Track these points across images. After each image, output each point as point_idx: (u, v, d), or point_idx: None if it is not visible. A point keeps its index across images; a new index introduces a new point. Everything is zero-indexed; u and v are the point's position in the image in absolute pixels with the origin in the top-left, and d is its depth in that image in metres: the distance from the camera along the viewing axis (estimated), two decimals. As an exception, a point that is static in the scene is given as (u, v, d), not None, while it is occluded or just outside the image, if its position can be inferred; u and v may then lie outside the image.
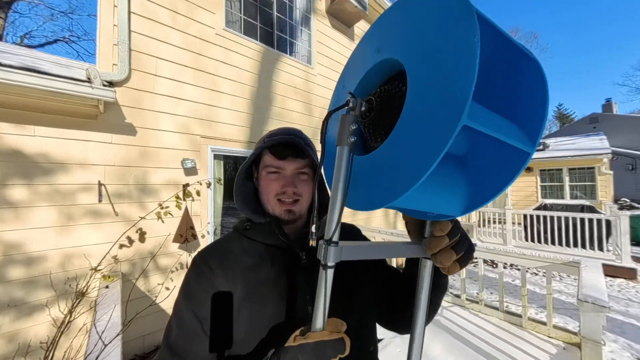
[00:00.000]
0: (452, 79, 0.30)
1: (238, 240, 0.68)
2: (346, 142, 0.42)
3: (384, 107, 0.45)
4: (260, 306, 0.60)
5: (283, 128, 0.70)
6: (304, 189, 0.67)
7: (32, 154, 2.04)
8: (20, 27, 18.25)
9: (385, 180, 0.37)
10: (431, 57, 0.34)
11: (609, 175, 9.24)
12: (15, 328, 1.93)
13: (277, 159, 0.65)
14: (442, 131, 0.30)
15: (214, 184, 3.05)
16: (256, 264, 0.63)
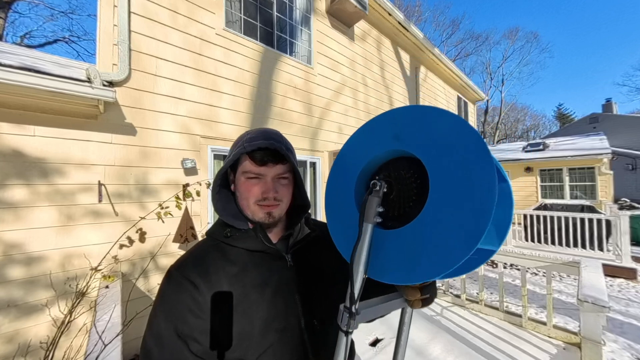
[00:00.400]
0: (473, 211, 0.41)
1: (217, 248, 0.65)
2: (372, 220, 0.49)
3: (401, 192, 0.53)
4: (252, 312, 0.60)
5: (262, 130, 0.68)
6: (284, 193, 0.67)
7: (32, 154, 2.04)
8: (20, 27, 18.24)
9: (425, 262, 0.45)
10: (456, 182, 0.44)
11: (609, 175, 9.24)
12: (15, 328, 1.93)
13: (258, 165, 0.64)
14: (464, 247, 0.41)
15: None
16: (242, 271, 0.62)
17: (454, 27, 30.45)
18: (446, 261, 0.42)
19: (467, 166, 0.43)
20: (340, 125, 4.65)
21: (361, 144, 0.60)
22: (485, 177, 0.41)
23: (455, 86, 9.06)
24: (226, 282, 0.60)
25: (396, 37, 6.23)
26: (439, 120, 0.47)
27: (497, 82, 28.71)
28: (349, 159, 0.62)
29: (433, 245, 0.44)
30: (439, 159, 0.46)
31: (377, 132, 0.57)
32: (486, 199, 0.40)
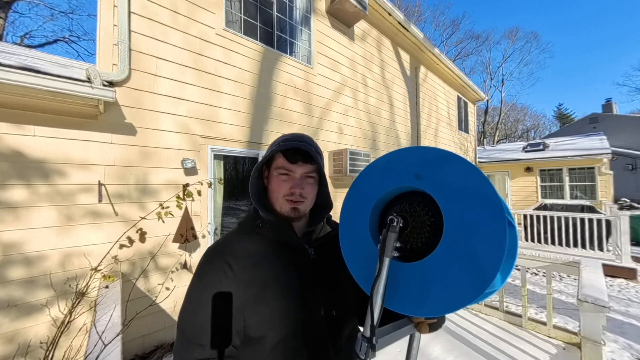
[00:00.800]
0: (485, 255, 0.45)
1: (248, 236, 0.73)
2: (389, 255, 0.52)
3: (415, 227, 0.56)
4: (274, 297, 0.66)
5: (296, 134, 0.76)
6: (309, 191, 0.73)
7: (32, 154, 2.04)
8: (20, 27, 18.24)
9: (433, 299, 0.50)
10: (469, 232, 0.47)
11: (609, 175, 9.24)
12: (15, 328, 1.93)
13: (289, 162, 0.71)
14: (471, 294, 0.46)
15: (215, 184, 3.05)
16: (268, 259, 0.69)
17: (454, 27, 30.42)
18: (453, 303, 0.47)
19: (483, 222, 0.46)
20: (340, 126, 4.65)
21: (379, 177, 0.62)
22: (497, 234, 0.44)
23: (455, 86, 9.06)
24: (253, 266, 0.67)
25: (396, 37, 6.23)
26: (461, 168, 0.50)
27: (497, 82, 28.72)
28: (365, 190, 0.64)
29: (442, 284, 0.49)
30: (456, 206, 0.49)
31: (397, 167, 0.59)
32: (495, 255, 0.44)
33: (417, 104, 6.94)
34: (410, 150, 0.59)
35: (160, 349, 2.49)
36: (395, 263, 0.55)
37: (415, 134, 6.85)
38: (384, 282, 0.52)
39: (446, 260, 0.48)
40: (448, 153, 0.53)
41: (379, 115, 5.63)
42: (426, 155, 0.55)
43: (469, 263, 0.46)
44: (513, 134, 34.14)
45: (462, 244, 0.47)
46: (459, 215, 0.49)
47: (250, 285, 0.65)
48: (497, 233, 0.44)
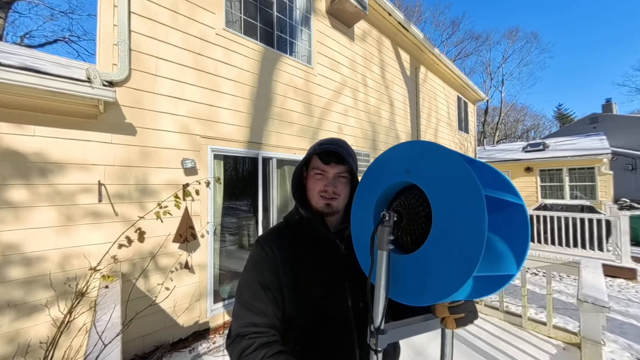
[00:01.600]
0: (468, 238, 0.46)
1: (290, 229, 0.84)
2: (385, 248, 0.56)
3: (412, 220, 0.58)
4: (308, 284, 0.75)
5: (331, 138, 0.86)
6: (342, 189, 0.82)
7: (32, 154, 2.04)
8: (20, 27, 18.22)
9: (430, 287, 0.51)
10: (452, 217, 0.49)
11: (609, 175, 9.24)
12: (15, 328, 1.93)
13: (323, 163, 0.80)
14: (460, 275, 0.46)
15: (214, 184, 3.05)
16: (305, 250, 0.79)
17: (454, 27, 30.41)
18: (447, 287, 0.48)
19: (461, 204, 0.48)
20: (340, 126, 4.65)
21: (377, 175, 0.66)
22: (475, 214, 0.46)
23: (455, 86, 9.06)
24: (291, 254, 0.78)
25: (396, 37, 6.23)
26: (443, 158, 0.53)
27: (497, 82, 28.70)
28: (367, 189, 0.69)
29: (435, 272, 0.50)
30: (439, 194, 0.52)
31: (391, 163, 0.63)
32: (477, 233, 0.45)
33: (417, 104, 6.94)
34: (400, 146, 0.61)
35: (160, 349, 2.48)
36: (396, 255, 0.58)
37: (415, 134, 6.85)
38: (384, 273, 0.55)
39: (436, 249, 0.51)
40: (431, 145, 0.55)
41: (379, 115, 5.63)
42: (413, 150, 0.59)
43: (455, 249, 0.47)
44: (513, 134, 34.14)
45: (449, 232, 0.49)
46: (445, 204, 0.51)
47: (287, 270, 0.75)
48: (476, 215, 0.45)
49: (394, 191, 0.66)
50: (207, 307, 2.91)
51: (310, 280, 0.76)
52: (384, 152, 0.65)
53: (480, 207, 0.45)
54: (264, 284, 0.73)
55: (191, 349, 2.60)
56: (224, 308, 3.07)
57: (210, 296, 2.94)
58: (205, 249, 2.92)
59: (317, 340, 0.74)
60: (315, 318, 0.74)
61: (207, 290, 2.92)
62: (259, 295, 0.72)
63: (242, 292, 0.75)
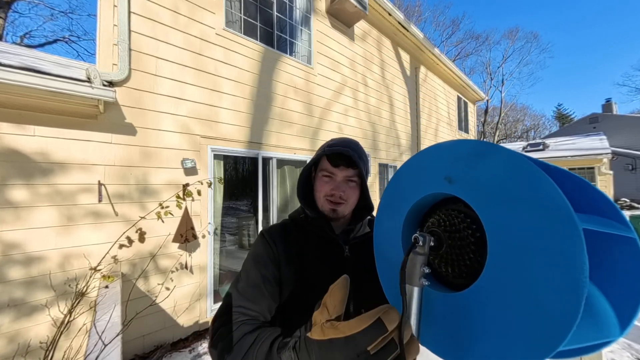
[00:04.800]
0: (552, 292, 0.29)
1: (295, 225, 0.82)
2: (417, 283, 0.40)
3: (455, 244, 0.42)
4: (308, 282, 0.72)
5: (343, 139, 0.81)
6: (350, 194, 0.78)
7: (32, 154, 2.04)
8: (20, 27, 18.24)
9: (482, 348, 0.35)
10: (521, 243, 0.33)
11: (609, 175, 9.25)
12: (15, 328, 1.93)
13: (332, 165, 0.77)
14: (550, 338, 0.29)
15: (215, 184, 3.05)
16: (308, 248, 0.77)
17: (454, 27, 30.46)
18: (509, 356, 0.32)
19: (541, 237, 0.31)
20: (340, 125, 4.66)
21: (407, 185, 0.51)
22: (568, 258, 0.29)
23: (455, 86, 9.06)
24: (295, 251, 0.76)
25: (396, 37, 6.23)
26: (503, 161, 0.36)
27: (497, 82, 28.71)
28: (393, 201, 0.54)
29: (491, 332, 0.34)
30: (501, 215, 0.35)
31: (427, 169, 0.47)
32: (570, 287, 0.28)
33: (417, 104, 6.94)
34: (441, 147, 0.45)
35: (161, 349, 2.49)
36: (432, 292, 0.43)
37: (416, 134, 6.85)
38: (415, 315, 0.40)
39: (493, 294, 0.34)
40: (486, 144, 0.39)
41: (379, 115, 5.63)
42: (458, 151, 0.42)
43: (525, 300, 0.31)
44: (513, 134, 34.16)
45: (514, 270, 0.33)
46: (506, 227, 0.34)
47: (288, 265, 0.73)
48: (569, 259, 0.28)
49: (428, 205, 0.50)
50: (207, 307, 2.91)
51: (312, 278, 0.73)
52: (417, 153, 0.50)
53: (577, 247, 0.28)
54: (263, 275, 0.71)
55: (191, 349, 2.61)
56: (224, 308, 3.07)
57: (211, 296, 2.94)
58: (205, 249, 2.92)
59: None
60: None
61: (207, 290, 2.92)
62: (256, 285, 0.70)
63: (240, 279, 0.73)
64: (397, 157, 6.07)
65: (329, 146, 0.78)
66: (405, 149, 6.41)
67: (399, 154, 6.14)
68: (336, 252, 0.78)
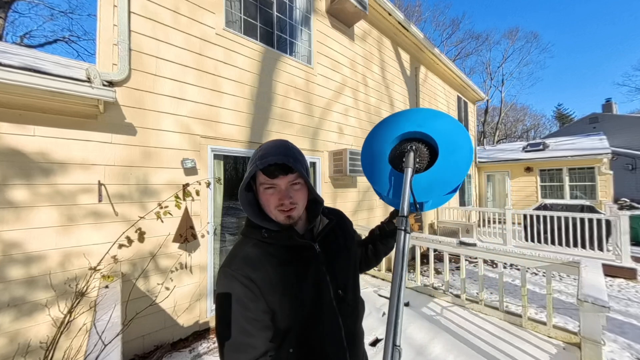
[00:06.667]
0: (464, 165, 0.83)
1: (257, 246, 0.80)
2: (411, 166, 0.84)
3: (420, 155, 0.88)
4: (296, 292, 0.76)
5: (271, 147, 0.79)
6: (298, 197, 0.80)
7: (32, 154, 2.04)
8: (20, 26, 18.22)
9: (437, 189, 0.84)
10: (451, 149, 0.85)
11: (609, 175, 9.24)
12: (15, 328, 1.93)
13: (270, 178, 0.76)
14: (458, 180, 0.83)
15: (214, 184, 3.05)
16: (282, 262, 0.78)
17: (454, 27, 30.47)
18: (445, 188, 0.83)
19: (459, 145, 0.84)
20: (340, 125, 4.65)
21: (391, 125, 0.95)
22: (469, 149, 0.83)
23: (455, 86, 9.06)
24: (272, 272, 0.75)
25: (396, 37, 6.23)
26: (446, 119, 0.90)
27: (497, 82, 28.68)
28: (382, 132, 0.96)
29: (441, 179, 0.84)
30: (444, 139, 0.86)
31: (403, 119, 0.94)
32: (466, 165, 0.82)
33: (417, 104, 6.94)
34: (414, 110, 0.95)
35: (160, 349, 2.49)
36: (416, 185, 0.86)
37: (415, 134, 6.84)
38: (409, 182, 0.82)
39: (442, 167, 0.84)
40: (439, 112, 0.90)
41: (379, 115, 5.62)
42: (425, 113, 0.92)
43: (453, 166, 0.82)
44: (513, 134, 34.12)
45: (449, 158, 0.84)
46: (446, 144, 0.85)
47: (272, 288, 0.73)
48: (469, 149, 0.83)
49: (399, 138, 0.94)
50: (207, 307, 2.91)
51: (297, 287, 0.77)
52: (398, 111, 0.97)
53: (470, 147, 0.83)
54: (247, 317, 0.70)
55: (191, 349, 2.61)
56: (224, 308, 3.07)
57: (211, 296, 2.94)
58: (205, 249, 2.92)
59: (311, 334, 0.78)
60: (307, 317, 0.77)
61: (207, 290, 2.92)
62: (245, 331, 0.69)
63: (225, 333, 0.69)
64: (397, 157, 6.06)
65: (260, 158, 0.75)
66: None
67: (399, 154, 6.14)
68: (309, 253, 0.82)
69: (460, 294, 3.38)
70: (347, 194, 4.67)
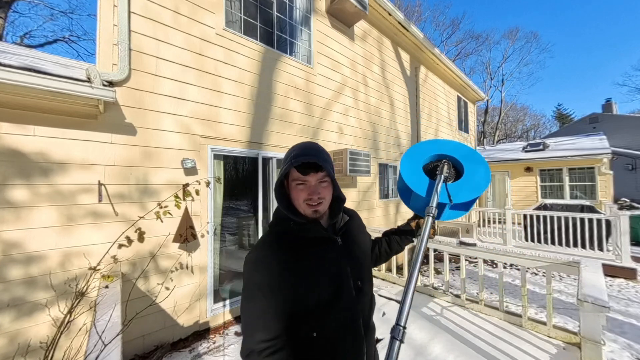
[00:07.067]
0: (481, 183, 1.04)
1: (284, 237, 0.88)
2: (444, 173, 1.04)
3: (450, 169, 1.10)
4: (319, 279, 0.84)
5: (304, 147, 0.88)
6: (325, 193, 0.88)
7: (32, 154, 2.04)
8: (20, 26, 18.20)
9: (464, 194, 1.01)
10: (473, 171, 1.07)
11: (609, 175, 9.24)
12: (15, 328, 1.93)
13: (302, 175, 0.85)
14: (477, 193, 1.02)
15: (214, 184, 3.05)
16: (308, 252, 0.86)
17: (454, 27, 30.43)
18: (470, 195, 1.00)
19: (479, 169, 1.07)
20: (340, 125, 4.65)
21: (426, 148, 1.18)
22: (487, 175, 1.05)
23: (455, 86, 9.06)
24: (296, 260, 0.84)
25: (396, 37, 6.23)
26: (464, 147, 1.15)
27: (497, 82, 28.66)
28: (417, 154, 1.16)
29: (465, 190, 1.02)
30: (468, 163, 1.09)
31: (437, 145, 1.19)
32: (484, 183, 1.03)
33: (417, 104, 6.94)
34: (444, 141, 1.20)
35: (161, 349, 2.49)
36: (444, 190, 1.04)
37: (416, 134, 6.85)
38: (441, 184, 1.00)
39: (466, 181, 1.04)
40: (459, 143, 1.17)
41: (379, 115, 5.63)
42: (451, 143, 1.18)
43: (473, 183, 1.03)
44: (513, 134, 34.11)
45: (471, 177, 1.05)
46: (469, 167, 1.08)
47: (295, 275, 0.81)
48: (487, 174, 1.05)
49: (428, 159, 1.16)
50: (207, 307, 2.91)
51: (318, 276, 0.84)
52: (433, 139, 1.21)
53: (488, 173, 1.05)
54: (268, 301, 0.78)
55: (191, 349, 2.61)
56: (224, 308, 3.07)
57: (211, 296, 2.94)
58: (205, 249, 2.92)
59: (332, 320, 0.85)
60: (328, 304, 0.84)
61: (207, 290, 2.92)
62: (266, 313, 0.78)
63: (249, 311, 0.80)
64: (397, 157, 6.07)
65: (295, 157, 0.84)
66: (405, 149, 6.40)
67: (399, 154, 6.14)
68: (332, 245, 0.91)
69: (460, 294, 3.38)
70: (347, 194, 4.67)
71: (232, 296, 3.21)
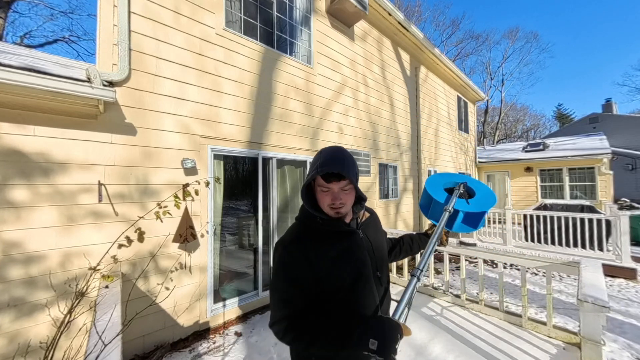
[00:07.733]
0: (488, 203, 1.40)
1: (311, 228, 0.99)
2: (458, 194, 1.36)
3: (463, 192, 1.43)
4: (343, 268, 0.95)
5: (330, 155, 0.96)
6: (347, 198, 0.97)
7: (32, 154, 2.04)
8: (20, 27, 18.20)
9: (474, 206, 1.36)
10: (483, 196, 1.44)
11: (609, 175, 9.24)
12: (16, 328, 1.93)
13: (326, 182, 0.94)
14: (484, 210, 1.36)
15: (214, 184, 3.05)
16: (333, 243, 0.97)
17: (454, 27, 30.46)
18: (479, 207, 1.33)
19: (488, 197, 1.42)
20: (340, 125, 4.65)
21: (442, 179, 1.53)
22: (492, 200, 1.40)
23: (455, 86, 9.06)
24: (322, 249, 0.94)
25: (396, 37, 6.23)
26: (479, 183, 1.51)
27: (497, 82, 28.64)
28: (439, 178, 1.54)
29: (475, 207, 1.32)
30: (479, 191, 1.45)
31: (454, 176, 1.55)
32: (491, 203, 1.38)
33: (417, 104, 6.94)
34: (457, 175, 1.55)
35: (161, 349, 2.49)
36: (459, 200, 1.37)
37: (416, 133, 6.85)
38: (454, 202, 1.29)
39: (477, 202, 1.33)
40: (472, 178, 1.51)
41: (379, 115, 5.63)
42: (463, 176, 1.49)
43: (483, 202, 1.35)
44: (513, 134, 34.10)
45: (480, 201, 1.35)
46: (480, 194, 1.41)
47: (320, 262, 0.91)
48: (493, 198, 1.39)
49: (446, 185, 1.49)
50: (207, 307, 2.91)
51: (345, 265, 0.95)
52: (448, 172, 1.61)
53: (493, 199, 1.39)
54: (294, 283, 0.90)
55: (191, 349, 2.61)
56: (224, 308, 3.07)
57: (210, 296, 2.94)
58: (205, 249, 2.92)
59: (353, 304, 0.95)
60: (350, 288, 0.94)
61: (207, 290, 2.92)
62: (290, 293, 0.90)
63: (276, 290, 0.93)
64: (397, 157, 6.07)
65: (321, 166, 0.92)
66: (405, 149, 6.40)
67: (399, 154, 6.14)
68: (355, 237, 1.02)
69: (460, 294, 3.37)
70: (347, 194, 4.67)
71: (232, 296, 3.21)
